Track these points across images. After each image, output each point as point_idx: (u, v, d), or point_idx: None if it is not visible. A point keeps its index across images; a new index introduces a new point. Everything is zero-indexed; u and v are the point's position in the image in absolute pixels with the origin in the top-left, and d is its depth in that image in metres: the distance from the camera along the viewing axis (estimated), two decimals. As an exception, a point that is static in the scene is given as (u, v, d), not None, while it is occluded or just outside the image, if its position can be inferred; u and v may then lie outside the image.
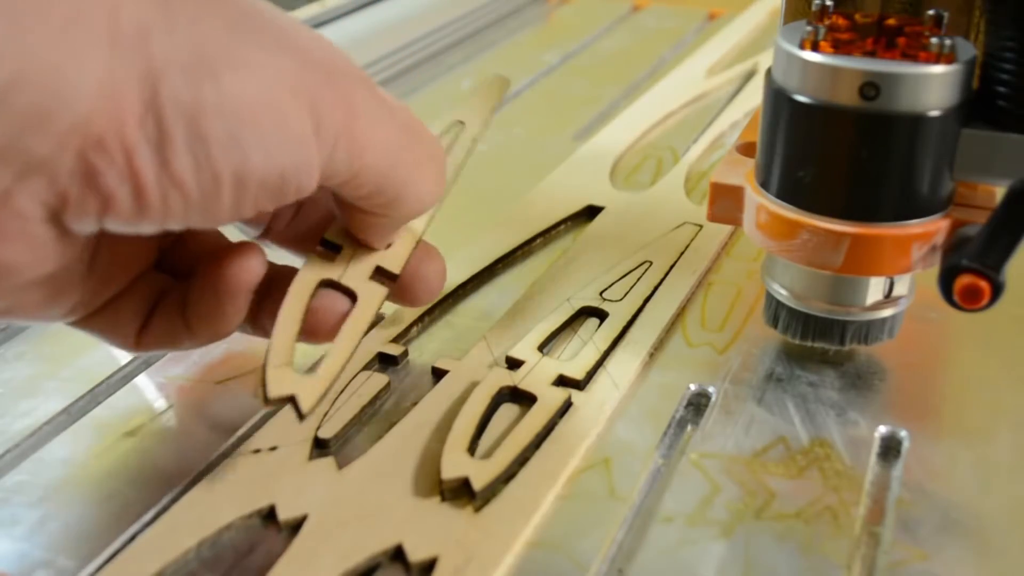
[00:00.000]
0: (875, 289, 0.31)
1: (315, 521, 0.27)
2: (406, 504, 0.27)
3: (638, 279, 0.38)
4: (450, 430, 0.30)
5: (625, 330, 0.35)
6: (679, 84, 0.60)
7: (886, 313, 0.32)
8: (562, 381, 0.32)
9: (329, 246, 0.30)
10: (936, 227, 0.29)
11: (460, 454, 0.29)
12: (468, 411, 0.30)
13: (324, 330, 0.29)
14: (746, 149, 0.34)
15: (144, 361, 0.35)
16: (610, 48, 0.70)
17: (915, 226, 0.29)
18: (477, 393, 0.31)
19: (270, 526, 0.27)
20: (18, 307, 0.25)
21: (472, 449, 0.29)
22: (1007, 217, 0.28)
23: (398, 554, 0.26)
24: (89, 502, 0.28)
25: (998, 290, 0.26)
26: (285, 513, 0.27)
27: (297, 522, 0.27)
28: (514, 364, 0.33)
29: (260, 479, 0.28)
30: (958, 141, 0.28)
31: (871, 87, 0.27)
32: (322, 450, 0.30)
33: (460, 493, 0.28)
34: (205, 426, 0.31)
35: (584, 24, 0.75)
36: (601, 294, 0.37)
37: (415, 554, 0.26)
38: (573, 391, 0.32)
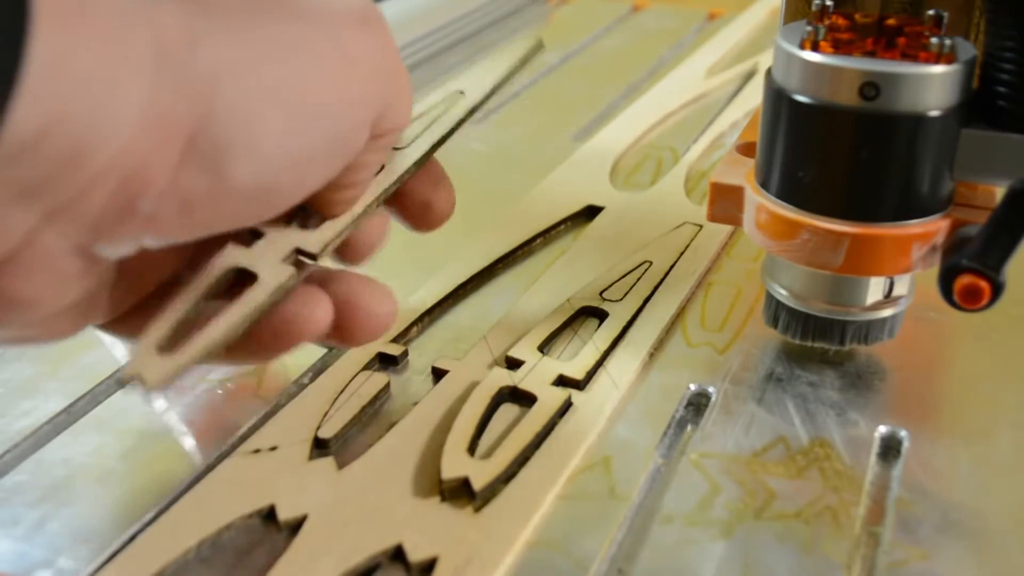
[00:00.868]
0: (875, 289, 0.31)
1: (315, 521, 0.27)
2: (406, 504, 0.27)
3: (638, 279, 0.38)
4: (450, 430, 0.30)
5: (625, 330, 0.35)
6: (679, 84, 0.60)
7: (886, 313, 0.32)
8: (562, 381, 0.32)
9: (255, 233, 0.27)
10: (936, 227, 0.29)
11: (460, 454, 0.29)
12: (468, 411, 0.30)
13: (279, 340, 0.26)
14: (746, 149, 0.34)
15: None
16: (610, 48, 0.70)
17: (915, 226, 0.29)
18: (477, 393, 0.31)
19: (270, 526, 0.27)
20: (44, 335, 0.23)
21: (472, 449, 0.29)
22: (1007, 217, 0.28)
23: (398, 554, 0.26)
24: (89, 502, 0.28)
25: (998, 290, 0.26)
26: (285, 513, 0.27)
27: (297, 522, 0.27)
28: (514, 364, 0.33)
29: (260, 479, 0.28)
30: (958, 141, 0.28)
31: (871, 87, 0.27)
32: (322, 450, 0.30)
33: (460, 493, 0.28)
34: (205, 426, 0.31)
35: (584, 24, 0.75)
36: (601, 294, 0.37)
37: (415, 554, 0.26)
38: (573, 391, 0.32)
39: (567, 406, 0.31)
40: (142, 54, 0.20)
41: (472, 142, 0.53)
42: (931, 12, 0.28)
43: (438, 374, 0.33)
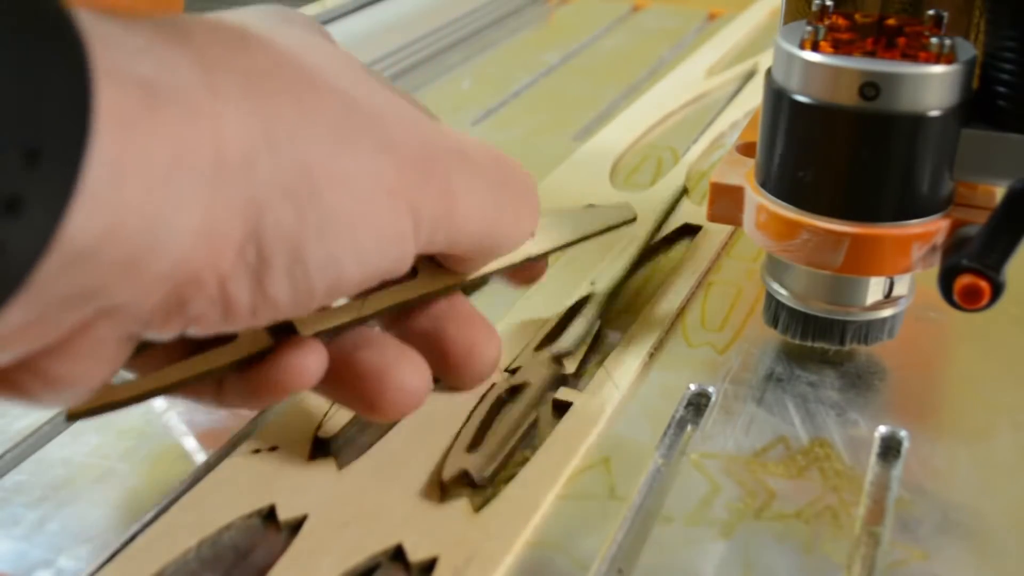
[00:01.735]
0: (875, 289, 0.31)
1: (315, 521, 0.27)
2: (406, 504, 0.27)
3: (621, 252, 0.39)
4: (455, 440, 0.29)
5: (612, 297, 0.35)
6: (679, 84, 0.60)
7: (886, 313, 0.32)
8: (560, 379, 0.32)
9: None
10: (936, 227, 0.29)
11: (460, 454, 0.29)
12: (471, 422, 0.30)
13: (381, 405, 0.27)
14: (746, 149, 0.34)
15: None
16: (610, 48, 0.70)
17: (915, 226, 0.29)
18: (478, 403, 0.31)
19: (270, 526, 0.27)
20: (75, 399, 0.23)
21: (473, 447, 0.29)
22: (1007, 217, 0.28)
23: (398, 554, 0.26)
24: (89, 502, 0.28)
25: (998, 290, 0.26)
26: (285, 513, 0.27)
27: (297, 522, 0.27)
28: (514, 369, 0.33)
29: (260, 479, 0.28)
30: (958, 141, 0.28)
31: (871, 87, 0.27)
32: (322, 450, 0.30)
33: (460, 489, 0.28)
34: (205, 426, 0.31)
35: (584, 24, 0.75)
36: (592, 282, 0.38)
37: (415, 554, 0.26)
38: (574, 391, 0.32)
39: (567, 405, 0.31)
40: (203, 168, 0.19)
41: (472, 142, 0.53)
42: (931, 12, 0.28)
43: (438, 374, 0.33)
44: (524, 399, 0.31)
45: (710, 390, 0.33)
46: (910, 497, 0.28)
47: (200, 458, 0.30)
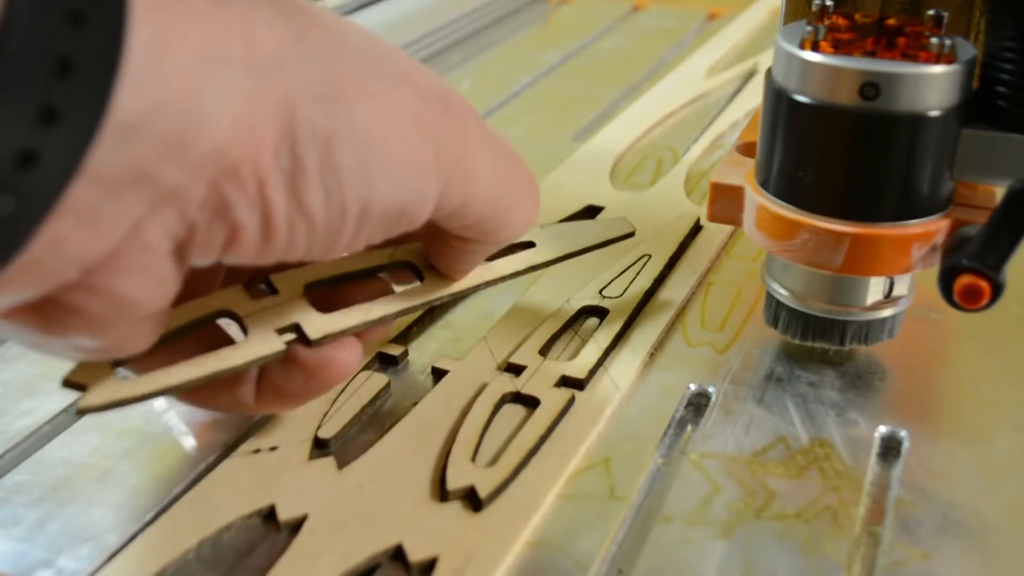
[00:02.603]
0: (875, 289, 0.31)
1: (315, 521, 0.27)
2: (406, 504, 0.27)
3: (637, 274, 0.38)
4: (454, 439, 0.29)
5: (627, 325, 0.35)
6: (679, 84, 0.60)
7: (886, 313, 0.32)
8: (564, 382, 0.32)
9: (269, 287, 0.28)
10: (936, 227, 0.29)
11: (465, 463, 0.28)
12: (472, 421, 0.30)
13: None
14: (746, 149, 0.34)
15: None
16: (610, 48, 0.70)
17: (915, 226, 0.29)
18: (480, 402, 0.31)
19: (270, 526, 0.27)
20: (128, 344, 0.24)
21: (476, 453, 0.29)
22: (1007, 217, 0.28)
23: (398, 554, 0.26)
24: (89, 502, 0.28)
25: (998, 290, 0.26)
26: (285, 513, 0.27)
27: (297, 522, 0.27)
28: (516, 370, 0.33)
29: (260, 479, 0.28)
30: (958, 141, 0.28)
31: (871, 87, 0.27)
32: (322, 450, 0.30)
33: (465, 501, 0.28)
34: (205, 426, 0.31)
35: (584, 24, 0.75)
36: (600, 292, 0.37)
37: (415, 554, 0.26)
38: (575, 391, 0.32)
39: (570, 406, 0.31)
40: (236, 57, 0.21)
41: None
42: (931, 12, 0.28)
43: (438, 374, 0.33)
44: (536, 424, 0.30)
45: (710, 390, 0.33)
46: (910, 497, 0.28)
47: (200, 458, 0.30)
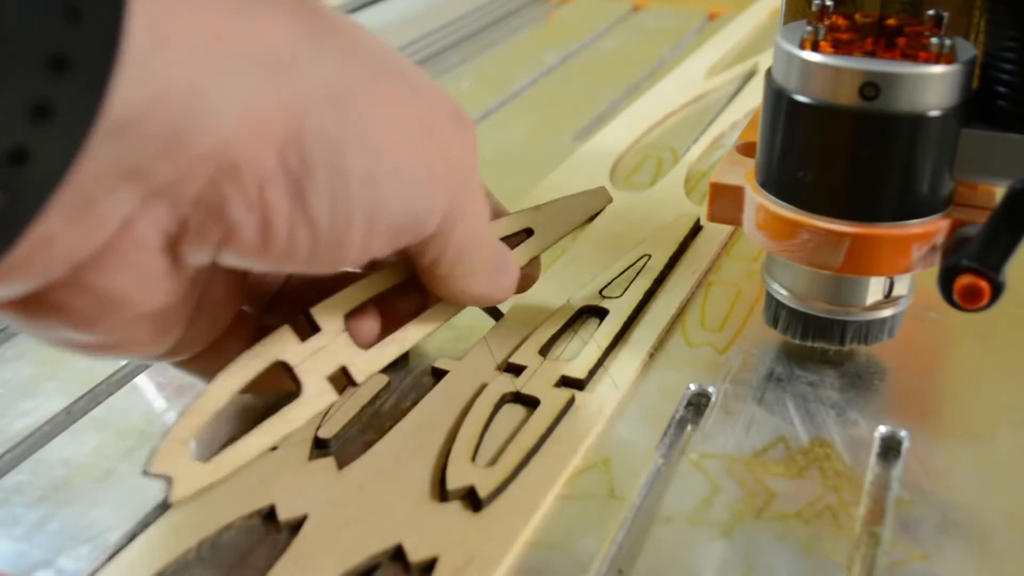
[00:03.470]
0: (875, 289, 0.31)
1: (315, 521, 0.27)
2: (406, 504, 0.27)
3: (637, 274, 0.38)
4: (454, 439, 0.29)
5: (627, 326, 0.35)
6: (679, 84, 0.60)
7: (886, 313, 0.32)
8: (564, 382, 0.32)
9: (311, 323, 0.28)
10: (936, 227, 0.29)
11: (465, 463, 0.28)
12: (472, 421, 0.30)
13: None
14: (746, 149, 0.34)
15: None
16: (610, 48, 0.70)
17: (915, 226, 0.29)
18: (480, 402, 0.31)
19: (270, 526, 0.27)
20: (126, 342, 0.24)
21: (476, 453, 0.29)
22: (1007, 217, 0.28)
23: (398, 554, 0.26)
24: (89, 502, 0.28)
25: (998, 290, 0.26)
26: (285, 513, 0.27)
27: (297, 522, 0.27)
28: (516, 370, 0.33)
29: (260, 479, 0.28)
30: (958, 141, 0.28)
31: (871, 87, 0.27)
32: (322, 450, 0.30)
33: (465, 500, 0.28)
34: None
35: (584, 24, 0.75)
36: (600, 292, 0.37)
37: (415, 554, 0.26)
38: (575, 391, 0.32)
39: (570, 406, 0.31)
40: (244, 52, 0.20)
41: (472, 142, 0.53)
42: (931, 12, 0.28)
43: (438, 374, 0.33)
44: (536, 424, 0.30)
45: (710, 390, 0.33)
46: (910, 497, 0.28)
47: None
